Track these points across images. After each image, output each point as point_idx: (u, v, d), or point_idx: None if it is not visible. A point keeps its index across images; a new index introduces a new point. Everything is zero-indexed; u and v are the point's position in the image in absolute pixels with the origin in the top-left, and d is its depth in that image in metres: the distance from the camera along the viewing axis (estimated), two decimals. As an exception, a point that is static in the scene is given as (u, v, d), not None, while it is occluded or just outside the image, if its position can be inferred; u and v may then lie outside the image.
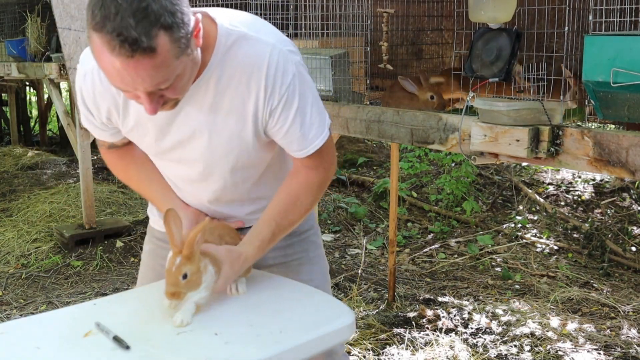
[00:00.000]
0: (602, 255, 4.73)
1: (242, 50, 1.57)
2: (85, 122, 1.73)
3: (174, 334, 1.40)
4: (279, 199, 1.70)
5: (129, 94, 1.43)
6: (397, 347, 3.40)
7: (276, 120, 1.60)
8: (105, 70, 1.37)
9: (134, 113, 1.62)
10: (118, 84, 1.39)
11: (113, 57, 1.32)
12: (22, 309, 3.97)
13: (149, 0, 1.31)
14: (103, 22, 1.30)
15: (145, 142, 1.68)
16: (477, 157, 2.18)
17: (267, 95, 1.58)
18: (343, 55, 2.69)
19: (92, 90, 1.62)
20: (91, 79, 1.61)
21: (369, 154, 7.39)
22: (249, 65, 1.56)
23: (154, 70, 1.35)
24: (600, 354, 3.36)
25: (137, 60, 1.32)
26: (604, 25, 1.85)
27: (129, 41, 1.29)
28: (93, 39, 1.34)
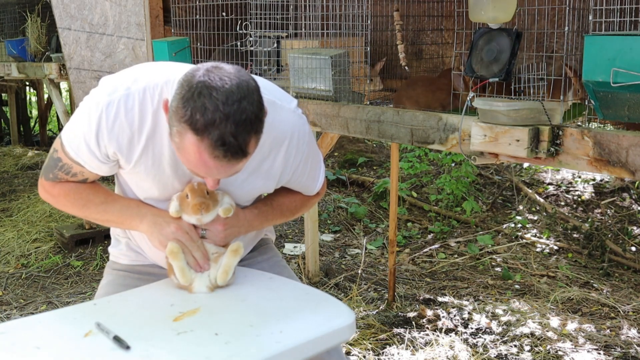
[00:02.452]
0: (602, 255, 4.73)
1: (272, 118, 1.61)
2: (84, 151, 1.63)
3: (174, 334, 1.41)
4: (283, 195, 1.86)
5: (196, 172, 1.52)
6: (397, 347, 3.40)
7: (299, 174, 1.78)
8: (190, 162, 1.45)
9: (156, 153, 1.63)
10: (198, 172, 1.48)
11: (210, 159, 1.41)
12: (22, 309, 3.97)
13: (246, 105, 1.39)
14: (206, 127, 1.37)
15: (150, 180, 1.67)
16: (477, 157, 2.18)
17: (292, 156, 1.72)
18: (343, 55, 2.69)
19: (113, 121, 1.58)
20: (116, 109, 1.57)
21: (369, 154, 7.38)
22: (281, 133, 1.67)
23: (239, 166, 1.47)
24: (600, 354, 3.36)
25: (230, 163, 1.43)
26: (604, 25, 1.85)
27: (231, 150, 1.39)
28: (187, 137, 1.40)
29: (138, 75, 1.62)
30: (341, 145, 7.51)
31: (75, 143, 1.63)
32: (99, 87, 1.63)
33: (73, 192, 1.73)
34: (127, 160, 1.63)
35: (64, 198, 1.74)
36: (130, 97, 1.58)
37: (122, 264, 1.91)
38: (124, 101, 1.57)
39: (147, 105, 1.58)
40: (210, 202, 1.61)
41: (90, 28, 3.94)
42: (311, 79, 2.77)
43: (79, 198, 1.73)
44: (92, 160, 1.65)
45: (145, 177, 1.66)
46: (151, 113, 1.59)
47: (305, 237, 4.40)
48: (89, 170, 1.68)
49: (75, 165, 1.67)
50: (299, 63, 2.78)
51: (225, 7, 3.13)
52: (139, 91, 1.58)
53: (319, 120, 2.78)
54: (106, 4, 3.76)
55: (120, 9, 3.67)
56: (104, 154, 1.62)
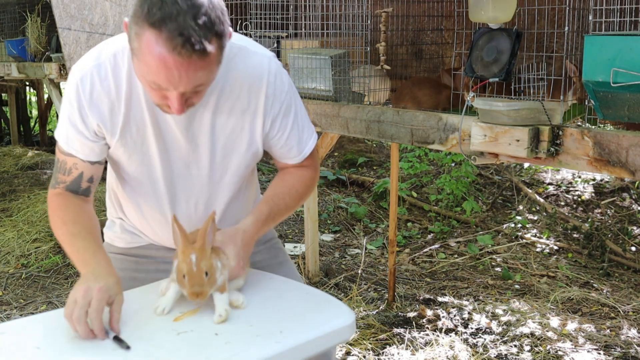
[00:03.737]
0: (602, 255, 4.73)
1: (243, 62, 1.63)
2: (73, 135, 1.61)
3: (174, 334, 1.40)
4: (274, 185, 1.77)
5: (158, 93, 1.46)
6: (397, 347, 3.40)
7: (278, 127, 1.70)
8: (150, 66, 1.39)
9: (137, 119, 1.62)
10: (159, 80, 1.41)
11: (168, 54, 1.36)
12: (22, 309, 3.97)
13: (207, 8, 1.38)
14: (163, 20, 1.34)
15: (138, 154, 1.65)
16: (477, 157, 2.18)
17: (268, 104, 1.66)
18: (343, 55, 2.69)
19: (90, 91, 1.58)
20: (90, 80, 1.58)
21: (369, 154, 7.38)
22: (250, 77, 1.63)
23: (201, 72, 1.41)
24: (600, 354, 3.36)
25: (190, 60, 1.37)
26: (604, 25, 1.85)
27: (190, 41, 1.35)
28: (145, 35, 1.37)
29: (104, 46, 1.62)
30: (341, 145, 7.51)
31: (65, 131, 1.63)
32: (70, 72, 1.64)
33: (62, 209, 1.66)
34: (112, 133, 1.61)
35: (53, 212, 1.68)
36: (102, 66, 1.58)
37: (118, 246, 1.87)
38: (97, 71, 1.58)
39: (120, 69, 1.58)
40: (207, 288, 1.45)
41: (90, 28, 3.94)
42: (311, 79, 2.77)
43: (60, 218, 1.65)
44: (83, 144, 1.62)
45: (132, 150, 1.65)
46: (125, 76, 1.58)
47: (305, 237, 4.40)
48: (81, 159, 1.64)
49: (68, 158, 1.65)
50: (299, 63, 2.79)
51: (226, 7, 3.13)
52: (109, 58, 1.59)
53: (319, 120, 2.78)
54: (106, 4, 3.76)
55: (120, 9, 3.67)
56: (91, 130, 1.61)
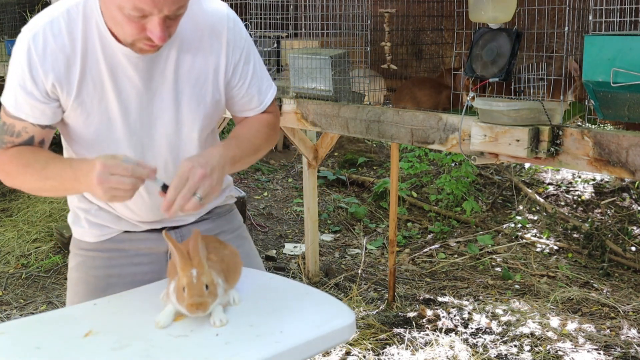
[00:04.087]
0: (602, 255, 4.73)
1: (201, 7, 1.62)
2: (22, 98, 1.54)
3: (174, 335, 1.40)
4: (236, 129, 1.74)
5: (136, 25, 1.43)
6: (397, 347, 3.40)
7: (239, 74, 1.69)
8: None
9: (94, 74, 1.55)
10: (144, 3, 1.38)
11: None
12: (22, 309, 3.97)
13: None
14: None
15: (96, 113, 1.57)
16: (477, 157, 2.18)
17: (229, 49, 1.65)
18: (343, 55, 2.69)
19: (42, 49, 1.51)
20: (43, 37, 1.51)
21: (369, 154, 7.39)
22: (210, 22, 1.62)
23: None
24: (600, 354, 3.36)
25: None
26: (604, 25, 1.85)
27: None
28: None
29: (56, 5, 1.57)
30: (341, 145, 7.52)
31: (12, 95, 1.55)
32: (20, 34, 1.56)
33: (17, 156, 1.58)
34: (69, 92, 1.55)
35: (8, 165, 1.59)
36: (54, 22, 1.52)
37: (88, 242, 1.79)
38: (49, 27, 1.52)
39: (74, 24, 1.53)
40: (209, 300, 1.42)
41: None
42: (311, 79, 2.77)
43: (21, 165, 1.57)
44: (34, 106, 1.55)
45: (90, 109, 1.57)
46: (80, 31, 1.53)
47: (305, 237, 4.40)
48: (31, 122, 1.57)
49: (16, 121, 1.57)
50: (299, 63, 2.79)
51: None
52: (62, 14, 1.53)
53: (319, 120, 2.78)
54: (106, 4, 3.76)
55: (120, 9, 3.67)
56: (42, 91, 1.53)
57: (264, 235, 5.24)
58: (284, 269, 4.54)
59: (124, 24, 1.44)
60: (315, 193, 4.32)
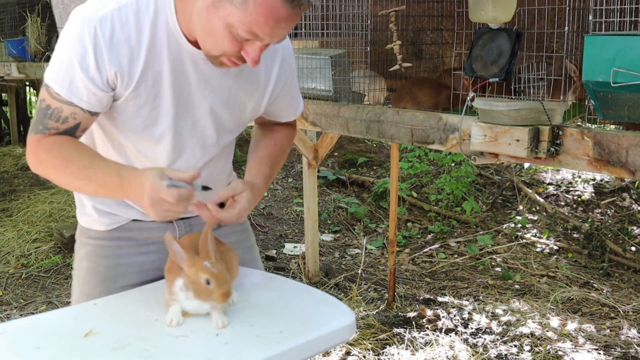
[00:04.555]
0: (602, 255, 4.73)
1: None
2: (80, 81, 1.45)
3: (174, 335, 1.40)
4: (267, 145, 1.77)
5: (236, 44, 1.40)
6: (397, 347, 3.40)
7: (287, 90, 1.73)
8: (258, 16, 1.35)
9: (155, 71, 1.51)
10: (262, 31, 1.37)
11: (283, 6, 1.34)
12: (22, 309, 3.97)
13: None
14: None
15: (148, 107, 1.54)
16: (477, 157, 2.18)
17: (282, 67, 1.69)
18: (343, 55, 2.69)
19: (110, 36, 1.44)
20: (111, 23, 1.44)
21: (369, 154, 7.39)
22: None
23: (294, 24, 1.42)
24: (600, 354, 3.36)
25: (298, 12, 1.38)
26: (604, 25, 1.85)
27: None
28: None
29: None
30: (341, 145, 7.52)
31: (69, 77, 1.46)
32: (78, 12, 1.46)
33: (57, 147, 1.49)
34: (128, 84, 1.49)
35: (46, 155, 1.50)
36: (122, 10, 1.45)
37: (97, 230, 1.74)
38: (117, 15, 1.44)
39: (143, 16, 1.47)
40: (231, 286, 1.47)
41: (90, 28, 3.93)
42: (311, 79, 2.77)
43: (61, 157, 1.49)
44: (91, 92, 1.47)
45: (143, 102, 1.53)
46: (149, 23, 1.47)
47: (305, 237, 4.40)
48: (84, 108, 1.49)
49: (66, 106, 1.48)
50: (299, 63, 2.79)
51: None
52: (131, 3, 1.46)
53: (319, 120, 2.78)
54: (106, 4, 3.76)
55: (120, 9, 3.67)
56: (104, 79, 1.46)
57: (264, 235, 5.24)
58: (284, 269, 4.54)
59: (224, 40, 1.40)
60: (315, 193, 4.32)
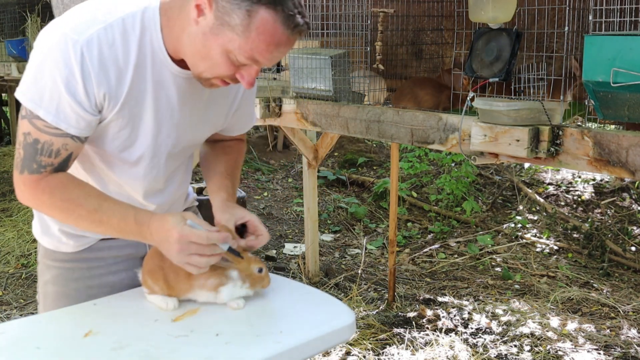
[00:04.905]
0: (602, 255, 4.73)
1: None
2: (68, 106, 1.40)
3: (174, 335, 1.40)
4: (226, 160, 1.81)
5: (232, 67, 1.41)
6: (397, 347, 3.40)
7: (246, 103, 1.75)
8: (260, 43, 1.35)
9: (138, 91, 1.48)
10: (263, 56, 1.39)
11: (284, 32, 1.36)
12: (22, 309, 3.97)
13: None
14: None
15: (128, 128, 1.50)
16: (477, 157, 2.18)
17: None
18: (343, 55, 2.69)
19: (98, 58, 1.39)
20: (98, 46, 1.39)
21: (369, 154, 7.39)
22: None
23: (291, 47, 1.44)
24: (600, 354, 3.36)
25: (295, 38, 1.40)
26: (604, 25, 1.85)
27: (305, 19, 1.38)
28: (260, 13, 1.33)
29: (108, 7, 1.44)
30: (341, 145, 7.52)
31: (54, 103, 1.40)
32: (56, 31, 1.40)
33: (60, 190, 1.46)
34: (114, 105, 1.45)
35: (49, 198, 1.47)
36: (109, 30, 1.40)
37: (65, 252, 1.67)
38: (104, 35, 1.39)
39: (129, 35, 1.43)
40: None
41: (90, 28, 3.93)
42: (311, 79, 2.77)
43: (67, 200, 1.46)
44: (80, 116, 1.42)
45: (124, 123, 1.49)
46: (135, 44, 1.43)
47: (305, 237, 4.40)
48: (73, 135, 1.44)
49: (56, 138, 1.43)
50: (299, 63, 2.79)
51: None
52: (117, 22, 1.41)
53: (319, 120, 2.78)
54: (106, 4, 3.76)
55: (120, 9, 3.67)
56: (93, 102, 1.42)
57: (264, 235, 5.24)
58: (284, 269, 4.54)
59: (221, 64, 1.40)
60: (315, 193, 4.32)
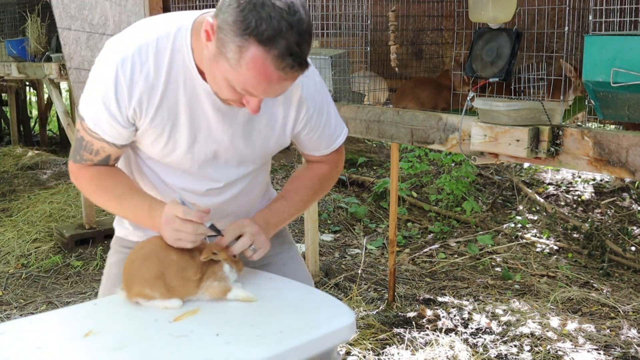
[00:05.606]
0: (602, 255, 4.73)
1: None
2: (103, 116, 1.56)
3: (174, 335, 1.40)
4: (291, 180, 1.82)
5: (236, 95, 1.45)
6: (397, 347, 3.40)
7: (310, 127, 1.73)
8: (251, 79, 1.38)
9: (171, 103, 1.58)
10: (255, 90, 1.41)
11: (275, 71, 1.36)
12: (22, 309, 3.97)
13: (307, 20, 1.37)
14: (274, 38, 1.32)
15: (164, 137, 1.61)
16: (477, 157, 2.18)
17: (301, 104, 1.68)
18: (343, 55, 2.69)
19: (130, 76, 1.53)
20: (131, 63, 1.53)
21: (369, 154, 7.38)
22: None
23: (292, 82, 1.43)
24: (600, 354, 3.36)
25: (294, 75, 1.39)
26: (604, 25, 1.85)
27: (297, 61, 1.35)
28: (251, 50, 1.34)
29: (146, 28, 1.58)
30: (341, 145, 7.50)
31: (94, 112, 1.57)
32: (106, 48, 1.57)
33: (96, 178, 1.67)
34: (146, 116, 1.58)
35: (87, 183, 1.69)
36: (143, 49, 1.54)
37: (132, 241, 1.85)
38: (138, 54, 1.53)
39: (161, 55, 1.55)
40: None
41: (90, 28, 3.94)
42: (311, 79, 2.76)
43: (100, 187, 1.67)
44: (113, 127, 1.58)
45: (160, 132, 1.61)
46: (167, 63, 1.55)
47: (305, 237, 4.40)
48: (109, 141, 1.61)
49: (95, 141, 1.61)
50: (299, 63, 2.78)
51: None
52: (152, 42, 1.54)
53: (319, 120, 2.77)
54: (106, 4, 3.76)
55: (120, 9, 3.67)
56: (124, 116, 1.56)
57: (264, 235, 5.24)
58: (284, 269, 4.54)
59: (225, 89, 1.47)
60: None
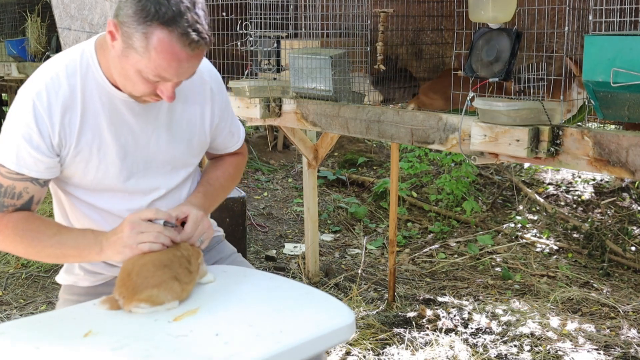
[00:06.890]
0: (602, 255, 4.73)
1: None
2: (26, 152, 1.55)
3: (173, 335, 1.41)
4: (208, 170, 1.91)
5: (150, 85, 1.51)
6: (397, 347, 3.40)
7: (224, 117, 1.83)
8: (161, 61, 1.44)
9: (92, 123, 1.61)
10: (168, 73, 1.47)
11: (182, 49, 1.43)
12: (22, 309, 3.96)
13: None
14: (175, 18, 1.41)
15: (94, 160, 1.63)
16: (477, 157, 2.18)
17: (214, 97, 1.78)
18: (343, 55, 2.69)
19: (47, 104, 1.55)
20: (46, 93, 1.56)
21: (369, 154, 7.38)
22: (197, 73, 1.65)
23: (200, 58, 1.51)
24: (600, 354, 3.36)
25: (199, 52, 1.47)
26: (604, 25, 1.85)
27: (201, 35, 1.44)
28: (156, 34, 1.42)
29: (51, 63, 1.63)
30: (341, 145, 7.51)
31: (14, 152, 1.56)
32: (18, 94, 1.60)
33: (22, 222, 1.61)
34: (70, 142, 1.59)
35: (12, 231, 1.60)
36: (54, 78, 1.58)
37: (82, 286, 1.82)
38: (50, 83, 1.57)
39: (73, 77, 1.59)
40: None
41: (90, 28, 3.94)
42: (311, 79, 2.77)
43: (28, 230, 1.60)
44: (38, 160, 1.57)
45: (88, 157, 1.62)
46: (79, 83, 1.59)
47: (305, 237, 4.40)
48: (34, 177, 1.59)
49: (18, 182, 1.59)
50: (299, 63, 2.78)
51: (225, 7, 3.13)
52: (61, 69, 1.59)
53: (319, 120, 2.78)
54: (106, 4, 3.76)
55: (120, 9, 3.66)
56: (49, 144, 1.57)
57: (264, 235, 5.24)
58: (284, 269, 4.54)
59: (138, 83, 1.52)
60: (315, 193, 4.32)
